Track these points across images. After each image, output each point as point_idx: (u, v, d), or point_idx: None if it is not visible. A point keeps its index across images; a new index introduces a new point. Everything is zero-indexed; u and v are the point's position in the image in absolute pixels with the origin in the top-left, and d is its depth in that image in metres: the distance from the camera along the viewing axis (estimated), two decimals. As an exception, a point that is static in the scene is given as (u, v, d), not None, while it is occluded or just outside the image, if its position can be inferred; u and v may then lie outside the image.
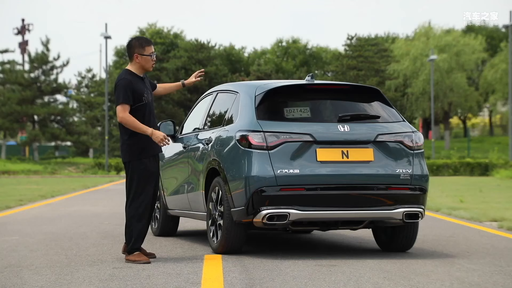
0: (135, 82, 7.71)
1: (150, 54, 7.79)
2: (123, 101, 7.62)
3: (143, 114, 7.74)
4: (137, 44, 7.83)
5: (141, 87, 7.74)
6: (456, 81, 65.94)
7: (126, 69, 7.83)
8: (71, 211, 14.90)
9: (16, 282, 6.52)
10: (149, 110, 7.79)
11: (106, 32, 47.19)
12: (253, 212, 7.73)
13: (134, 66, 7.81)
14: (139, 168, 7.72)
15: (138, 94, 7.69)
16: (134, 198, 7.73)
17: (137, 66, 7.81)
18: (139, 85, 7.72)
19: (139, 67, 7.81)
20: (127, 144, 7.74)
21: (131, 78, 7.72)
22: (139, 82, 7.76)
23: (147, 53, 7.78)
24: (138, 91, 7.69)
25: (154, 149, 7.79)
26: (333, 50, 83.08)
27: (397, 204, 7.92)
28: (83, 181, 32.40)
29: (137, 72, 7.80)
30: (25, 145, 61.39)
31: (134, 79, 7.73)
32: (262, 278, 6.62)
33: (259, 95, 8.17)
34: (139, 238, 7.72)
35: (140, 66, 7.81)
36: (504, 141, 63.73)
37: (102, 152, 61.57)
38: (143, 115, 7.74)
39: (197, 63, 67.14)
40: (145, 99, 7.74)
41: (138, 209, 7.72)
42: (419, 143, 8.18)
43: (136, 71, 7.80)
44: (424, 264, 7.53)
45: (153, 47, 7.86)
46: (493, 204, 16.48)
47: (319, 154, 7.82)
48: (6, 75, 58.12)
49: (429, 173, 12.04)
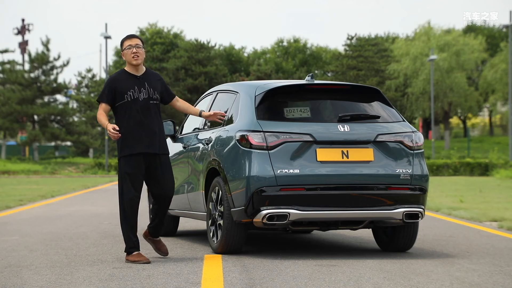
0: (121, 81, 7.67)
1: (126, 47, 7.70)
2: (98, 99, 7.72)
3: (124, 111, 7.64)
4: (121, 43, 7.84)
5: (127, 85, 7.64)
6: (456, 81, 65.94)
7: (122, 68, 7.82)
8: (71, 211, 14.90)
9: (16, 282, 6.52)
10: (135, 108, 7.62)
11: (106, 32, 47.21)
12: (253, 212, 7.72)
13: (126, 64, 7.83)
14: (119, 166, 7.74)
15: (119, 93, 7.64)
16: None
17: (127, 64, 7.79)
18: (124, 83, 7.65)
19: (127, 64, 7.78)
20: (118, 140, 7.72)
21: (118, 76, 7.71)
22: (127, 80, 7.68)
23: (125, 47, 7.73)
24: (120, 90, 7.64)
25: (131, 149, 7.62)
26: (333, 50, 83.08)
27: (397, 204, 7.92)
28: (83, 181, 32.40)
29: (129, 70, 7.75)
30: (25, 145, 61.41)
31: (121, 78, 7.70)
32: (262, 278, 6.62)
33: (259, 95, 8.17)
34: (125, 240, 7.66)
35: (127, 63, 7.77)
36: (504, 141, 63.75)
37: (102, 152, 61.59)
38: (124, 113, 7.64)
39: (197, 63, 67.11)
40: (129, 97, 7.62)
41: (120, 209, 7.73)
42: (419, 143, 8.18)
43: (128, 69, 7.77)
44: (424, 264, 7.53)
45: (136, 40, 7.72)
46: (493, 204, 16.49)
47: (319, 154, 7.82)
48: (6, 75, 58.12)
49: (429, 173, 12.04)
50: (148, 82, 7.75)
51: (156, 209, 7.91)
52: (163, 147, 7.78)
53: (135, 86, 7.67)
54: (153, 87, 7.75)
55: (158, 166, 7.74)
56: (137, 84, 7.69)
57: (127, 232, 7.65)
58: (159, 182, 7.76)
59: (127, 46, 7.69)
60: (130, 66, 7.74)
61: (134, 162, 7.64)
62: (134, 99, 7.64)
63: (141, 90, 7.68)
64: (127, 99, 7.63)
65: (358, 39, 71.35)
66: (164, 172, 7.77)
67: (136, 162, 7.64)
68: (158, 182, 7.77)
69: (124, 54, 7.72)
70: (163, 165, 7.77)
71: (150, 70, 7.87)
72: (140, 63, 7.71)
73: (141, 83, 7.71)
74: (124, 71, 7.77)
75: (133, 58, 7.66)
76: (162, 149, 7.76)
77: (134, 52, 7.66)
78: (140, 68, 7.77)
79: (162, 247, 7.97)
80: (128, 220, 7.65)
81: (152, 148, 7.67)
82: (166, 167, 7.79)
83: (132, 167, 7.62)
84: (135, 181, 7.64)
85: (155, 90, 7.76)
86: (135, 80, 7.71)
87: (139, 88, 7.68)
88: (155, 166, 7.74)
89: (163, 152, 7.77)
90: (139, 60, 7.68)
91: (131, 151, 7.62)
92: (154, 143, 7.69)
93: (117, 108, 7.69)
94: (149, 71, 7.86)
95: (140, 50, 7.69)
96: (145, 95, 7.68)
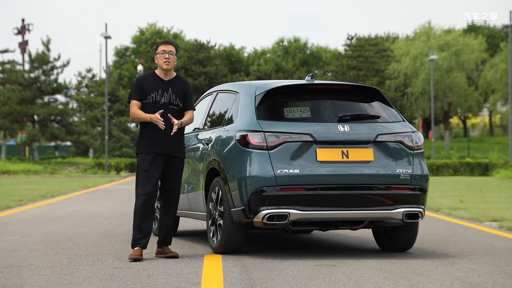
0: (147, 81, 7.98)
1: (160, 51, 8.00)
2: (129, 96, 8.04)
3: (146, 111, 7.91)
4: (156, 46, 8.19)
5: (152, 87, 7.95)
6: (456, 81, 65.95)
7: (153, 70, 8.18)
8: (71, 211, 14.90)
9: (16, 282, 6.52)
10: (155, 110, 7.86)
11: (106, 32, 47.18)
12: (253, 212, 7.73)
13: (158, 67, 8.16)
14: (137, 162, 7.99)
15: (144, 93, 7.96)
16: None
17: (158, 67, 8.09)
18: (150, 85, 7.96)
19: (158, 67, 8.09)
20: (138, 137, 8.05)
21: (145, 77, 8.04)
22: (154, 82, 7.97)
23: (159, 51, 8.05)
24: (145, 90, 7.96)
25: (145, 148, 7.88)
26: (333, 50, 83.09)
27: (397, 204, 7.92)
28: (83, 181, 32.40)
29: (158, 73, 8.04)
30: (25, 145, 61.38)
31: (149, 78, 8.00)
32: (262, 278, 6.62)
33: (259, 95, 8.17)
34: (133, 234, 7.91)
35: (158, 66, 8.07)
36: (504, 141, 63.75)
37: (102, 152, 61.57)
38: (146, 112, 7.90)
39: (197, 63, 67.13)
40: (151, 98, 7.91)
41: (134, 204, 7.96)
42: (419, 143, 8.18)
43: (158, 72, 8.07)
44: (424, 264, 7.53)
45: (171, 47, 8.03)
46: (493, 204, 16.49)
47: (319, 154, 7.82)
48: (6, 75, 58.10)
49: (429, 173, 12.04)
50: (173, 87, 7.99)
51: (163, 211, 8.11)
52: (177, 150, 7.97)
53: (159, 89, 7.96)
54: (175, 93, 7.99)
55: (170, 167, 7.97)
56: (162, 88, 7.97)
57: (135, 226, 7.91)
58: (167, 182, 8.01)
59: (160, 51, 7.99)
60: (160, 70, 8.04)
61: (148, 160, 7.87)
62: (155, 101, 7.93)
63: (163, 94, 7.96)
64: (150, 100, 7.94)
65: (358, 39, 71.36)
66: (172, 173, 8.00)
67: (151, 161, 7.87)
68: (166, 182, 8.02)
69: (157, 58, 8.02)
70: (173, 166, 7.99)
71: (180, 77, 8.15)
72: (170, 68, 8.00)
73: (165, 88, 7.98)
74: (154, 73, 8.08)
75: (164, 63, 7.96)
76: (176, 151, 7.96)
77: (167, 58, 7.96)
78: (169, 74, 8.04)
79: (169, 251, 8.04)
80: (136, 215, 7.90)
81: (165, 149, 7.91)
82: (176, 170, 8.01)
83: (146, 164, 7.86)
84: (149, 178, 7.85)
85: (177, 96, 8.00)
86: (161, 83, 7.99)
87: (162, 92, 7.96)
88: (168, 166, 7.97)
89: (177, 155, 7.98)
90: (170, 66, 7.98)
91: (145, 149, 7.90)
92: (166, 145, 7.89)
93: (142, 107, 7.98)
94: (179, 78, 8.13)
95: (172, 57, 7.99)
96: (166, 99, 7.95)
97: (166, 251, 8.03)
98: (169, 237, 8.07)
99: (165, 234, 8.05)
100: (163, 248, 8.06)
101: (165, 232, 8.05)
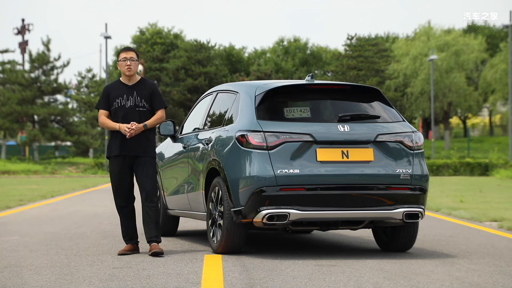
0: (113, 89, 8.41)
1: (121, 59, 8.37)
2: (97, 106, 8.50)
3: (113, 116, 8.36)
4: (117, 54, 8.64)
5: (117, 93, 8.36)
6: (455, 81, 65.93)
7: (118, 78, 8.57)
8: (71, 211, 14.91)
9: (16, 282, 6.52)
10: (121, 114, 8.29)
11: (106, 32, 47.22)
12: (253, 212, 7.72)
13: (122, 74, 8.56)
14: (109, 165, 8.54)
15: (111, 100, 8.39)
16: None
17: (122, 73, 8.46)
18: (115, 92, 8.38)
19: (122, 74, 8.45)
20: (107, 142, 8.54)
21: (111, 85, 8.48)
22: (119, 88, 8.38)
23: (120, 58, 8.42)
24: (111, 97, 8.38)
25: (112, 151, 8.37)
26: (333, 50, 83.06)
27: (397, 204, 7.92)
28: (83, 181, 32.40)
29: (123, 79, 8.45)
30: (25, 145, 61.39)
31: (114, 86, 8.44)
32: (262, 278, 6.62)
33: (259, 95, 8.17)
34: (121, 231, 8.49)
35: (122, 73, 8.43)
36: (504, 141, 63.73)
37: (102, 152, 61.56)
38: (113, 118, 8.36)
39: (197, 63, 67.12)
40: (117, 104, 8.33)
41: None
42: (419, 143, 8.18)
43: (122, 79, 8.47)
44: (424, 264, 7.53)
45: (131, 53, 8.37)
46: (493, 204, 16.49)
47: (319, 154, 7.82)
48: (6, 75, 58.10)
49: (429, 173, 12.04)
50: (137, 91, 8.37)
51: (145, 210, 8.30)
52: (144, 150, 8.32)
53: (124, 94, 8.37)
54: (140, 96, 8.36)
55: (139, 167, 8.30)
56: (127, 93, 8.37)
57: (121, 225, 8.56)
58: (142, 182, 8.30)
59: (122, 58, 8.40)
60: (124, 76, 8.43)
61: (116, 163, 8.35)
62: (121, 106, 8.35)
63: (129, 98, 8.36)
64: (116, 105, 8.36)
65: (358, 39, 71.33)
66: (143, 173, 8.29)
67: (118, 163, 8.34)
68: (141, 182, 8.31)
69: (119, 65, 8.43)
70: (142, 166, 8.31)
71: (145, 80, 8.51)
72: (132, 74, 8.38)
73: (130, 92, 8.37)
74: (119, 80, 8.49)
75: (127, 69, 8.35)
76: (143, 151, 8.31)
77: (128, 64, 8.35)
78: (133, 78, 8.42)
79: (154, 247, 8.15)
80: (123, 217, 8.51)
81: (132, 151, 8.29)
82: (146, 169, 8.31)
83: (114, 166, 8.37)
84: (117, 189, 8.41)
85: (143, 98, 8.36)
86: (126, 88, 8.39)
87: (127, 96, 8.36)
88: (137, 166, 8.32)
89: (144, 155, 8.31)
90: (132, 71, 8.36)
91: (111, 153, 8.38)
92: (132, 147, 8.28)
93: (110, 113, 8.42)
94: (143, 81, 8.47)
95: (133, 63, 8.37)
96: (132, 102, 8.34)
97: (152, 248, 8.12)
98: (152, 234, 8.22)
99: (148, 232, 8.26)
100: (151, 245, 8.17)
101: (148, 230, 8.26)
